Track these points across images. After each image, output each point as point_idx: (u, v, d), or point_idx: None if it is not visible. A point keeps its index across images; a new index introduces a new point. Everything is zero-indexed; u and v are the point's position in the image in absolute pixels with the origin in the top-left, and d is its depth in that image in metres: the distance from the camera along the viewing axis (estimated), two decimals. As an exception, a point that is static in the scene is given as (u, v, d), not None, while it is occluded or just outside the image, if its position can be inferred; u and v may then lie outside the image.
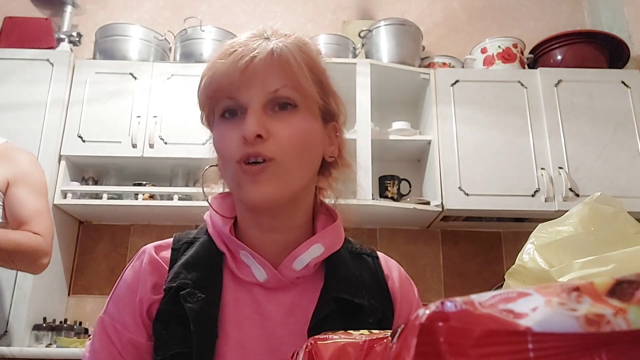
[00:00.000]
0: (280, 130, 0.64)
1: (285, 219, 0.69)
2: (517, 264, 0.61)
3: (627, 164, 2.37)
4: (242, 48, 0.65)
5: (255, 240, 0.70)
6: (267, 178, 0.63)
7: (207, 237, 0.71)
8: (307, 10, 2.99)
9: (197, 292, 0.65)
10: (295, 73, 0.65)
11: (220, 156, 0.67)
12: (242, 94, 0.64)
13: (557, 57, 2.61)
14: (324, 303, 0.66)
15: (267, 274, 0.67)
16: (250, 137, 0.62)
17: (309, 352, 0.41)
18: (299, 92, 0.65)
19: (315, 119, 0.68)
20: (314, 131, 0.67)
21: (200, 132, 0.76)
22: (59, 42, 2.57)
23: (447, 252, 2.62)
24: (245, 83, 0.64)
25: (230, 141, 0.64)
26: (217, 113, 0.67)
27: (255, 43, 0.65)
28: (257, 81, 0.64)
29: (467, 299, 0.24)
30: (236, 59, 0.64)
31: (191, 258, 0.69)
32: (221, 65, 0.65)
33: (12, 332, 2.06)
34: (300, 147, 0.65)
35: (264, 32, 0.68)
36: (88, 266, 2.52)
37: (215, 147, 0.68)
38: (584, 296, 0.22)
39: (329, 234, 0.71)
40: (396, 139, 2.46)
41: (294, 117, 0.65)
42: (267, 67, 0.64)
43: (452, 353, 0.23)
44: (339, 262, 0.71)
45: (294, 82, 0.65)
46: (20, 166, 1.55)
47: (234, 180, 0.65)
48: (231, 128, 0.65)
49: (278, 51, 0.65)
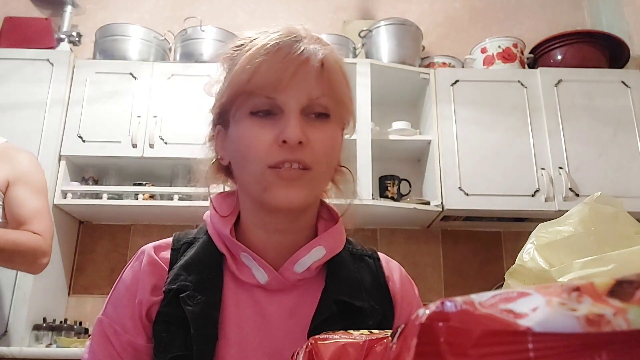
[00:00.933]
0: (317, 139, 0.63)
1: (294, 222, 0.69)
2: (517, 264, 0.61)
3: (627, 164, 2.37)
4: (286, 48, 0.63)
5: (258, 241, 0.69)
6: (301, 185, 0.63)
7: (207, 237, 0.71)
8: (307, 10, 2.99)
9: (197, 295, 0.64)
10: (338, 84, 0.65)
11: (245, 156, 0.64)
12: (283, 95, 0.62)
13: (557, 57, 2.61)
14: (325, 306, 0.66)
15: (268, 276, 0.67)
16: (294, 143, 0.61)
17: (309, 352, 0.41)
18: (336, 103, 0.66)
19: (340, 129, 0.69)
20: (339, 141, 0.69)
21: (200, 132, 0.76)
22: (59, 42, 2.57)
23: (447, 252, 2.62)
24: (292, 85, 0.62)
25: (262, 142, 0.62)
26: (246, 109, 0.64)
27: (299, 44, 0.63)
28: (303, 85, 0.62)
29: (467, 299, 0.24)
30: (287, 59, 0.62)
31: (191, 259, 0.68)
32: (266, 61, 0.62)
33: (12, 332, 2.06)
34: (330, 158, 0.66)
35: (296, 31, 0.66)
36: (88, 266, 2.52)
37: (237, 144, 0.65)
38: (584, 296, 0.22)
39: (330, 236, 0.70)
40: (396, 139, 2.46)
41: (327, 127, 0.65)
42: (315, 74, 0.63)
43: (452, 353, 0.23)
44: (340, 264, 0.70)
45: (334, 92, 0.65)
46: (20, 166, 1.55)
47: (260, 182, 0.63)
48: (263, 127, 0.63)
49: (325, 59, 0.64)
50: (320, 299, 0.67)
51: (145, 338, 0.66)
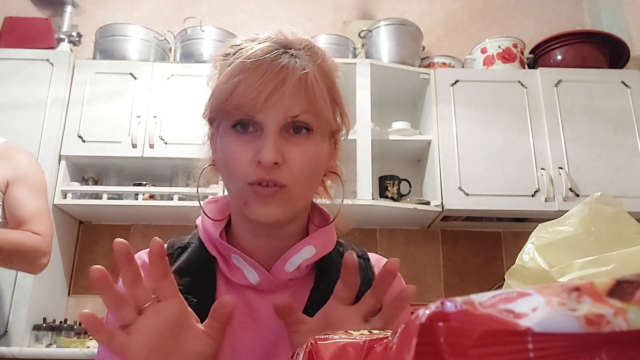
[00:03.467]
0: (295, 156, 0.63)
1: (283, 228, 0.69)
2: (517, 264, 0.61)
3: (627, 164, 2.37)
4: (266, 65, 0.62)
5: (248, 244, 0.70)
6: (277, 202, 0.63)
7: (199, 241, 0.72)
8: (307, 10, 2.99)
9: (189, 297, 0.65)
10: (317, 99, 0.64)
11: (228, 170, 0.65)
12: (261, 114, 0.63)
13: (557, 57, 2.61)
14: (314, 305, 0.66)
15: (259, 276, 0.68)
16: (268, 165, 0.61)
17: (309, 352, 0.41)
18: (318, 117, 0.65)
19: (325, 140, 0.69)
20: (323, 153, 0.68)
21: (200, 132, 0.76)
22: (59, 42, 2.57)
23: (447, 252, 2.62)
24: (270, 105, 0.62)
25: (240, 159, 0.63)
26: (228, 122, 0.65)
27: (280, 60, 0.63)
28: (281, 105, 0.62)
29: (467, 299, 0.24)
30: (263, 78, 0.61)
31: (183, 263, 0.69)
32: (244, 81, 0.62)
33: (12, 332, 2.06)
34: (311, 172, 0.65)
35: (283, 39, 0.66)
36: (88, 266, 2.46)
37: (221, 156, 0.67)
38: (584, 296, 0.22)
39: (320, 236, 0.71)
40: (396, 139, 2.46)
41: (308, 142, 0.65)
42: (293, 91, 0.62)
43: (452, 353, 0.23)
44: (330, 264, 0.71)
45: (315, 108, 0.64)
46: (20, 166, 1.55)
47: (241, 197, 0.64)
48: (243, 144, 0.64)
49: (304, 75, 0.63)
50: (309, 298, 0.68)
51: None
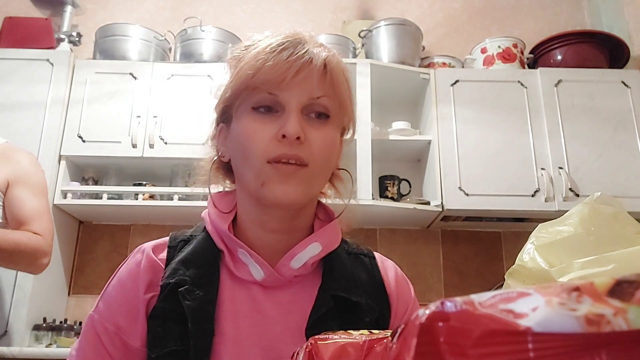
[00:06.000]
0: (316, 138, 0.65)
1: (291, 221, 0.69)
2: (517, 264, 0.61)
3: (627, 164, 2.37)
4: (291, 48, 0.65)
5: (255, 239, 0.70)
6: (297, 181, 0.64)
7: (205, 234, 0.71)
8: (307, 10, 2.99)
9: (195, 290, 0.65)
10: (339, 86, 0.67)
11: (245, 152, 0.65)
12: (285, 92, 0.64)
13: (557, 57, 2.61)
14: (322, 301, 0.67)
15: (264, 273, 0.68)
16: (292, 138, 0.62)
17: (309, 352, 0.41)
18: (337, 104, 0.67)
19: (338, 132, 0.71)
20: (337, 143, 0.70)
21: (200, 132, 0.76)
22: (59, 42, 2.57)
23: (447, 252, 2.61)
24: (294, 84, 0.64)
25: (262, 137, 0.64)
26: (249, 104, 0.66)
27: (303, 47, 0.66)
28: (305, 85, 0.64)
29: (467, 299, 0.24)
30: (290, 58, 0.64)
31: (189, 254, 0.69)
32: (273, 58, 0.64)
33: (12, 332, 2.06)
34: (328, 157, 0.67)
35: (301, 35, 0.68)
36: (88, 266, 2.52)
37: (238, 139, 0.67)
38: (584, 296, 0.22)
39: (326, 233, 0.71)
40: (396, 139, 2.46)
41: (326, 127, 0.67)
42: (317, 74, 0.65)
43: (452, 353, 0.23)
44: (336, 261, 0.71)
45: (336, 93, 0.67)
46: (20, 166, 1.55)
47: (258, 177, 0.64)
48: (263, 123, 0.65)
49: (328, 61, 0.66)
50: (318, 295, 0.68)
51: (139, 338, 0.66)
